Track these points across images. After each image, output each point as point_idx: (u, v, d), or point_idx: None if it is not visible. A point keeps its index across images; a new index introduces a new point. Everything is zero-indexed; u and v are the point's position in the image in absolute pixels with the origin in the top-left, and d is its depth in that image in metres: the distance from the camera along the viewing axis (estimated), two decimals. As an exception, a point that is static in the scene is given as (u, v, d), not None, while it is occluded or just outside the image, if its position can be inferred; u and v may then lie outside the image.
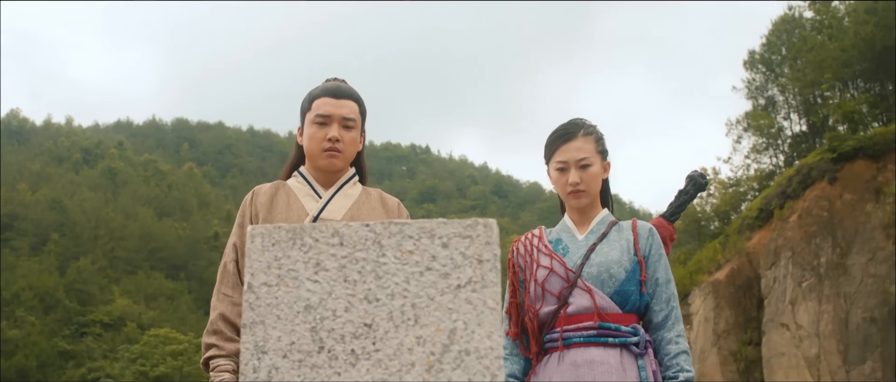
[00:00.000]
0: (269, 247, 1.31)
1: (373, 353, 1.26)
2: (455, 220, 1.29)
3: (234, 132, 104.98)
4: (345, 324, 1.28)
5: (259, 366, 1.26)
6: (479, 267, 1.30)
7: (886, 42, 32.87)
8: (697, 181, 3.42)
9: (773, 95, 43.43)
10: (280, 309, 1.28)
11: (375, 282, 1.29)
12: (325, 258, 1.30)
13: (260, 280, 1.30)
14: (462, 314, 1.28)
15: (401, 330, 1.27)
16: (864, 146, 30.78)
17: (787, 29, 43.45)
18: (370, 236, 1.31)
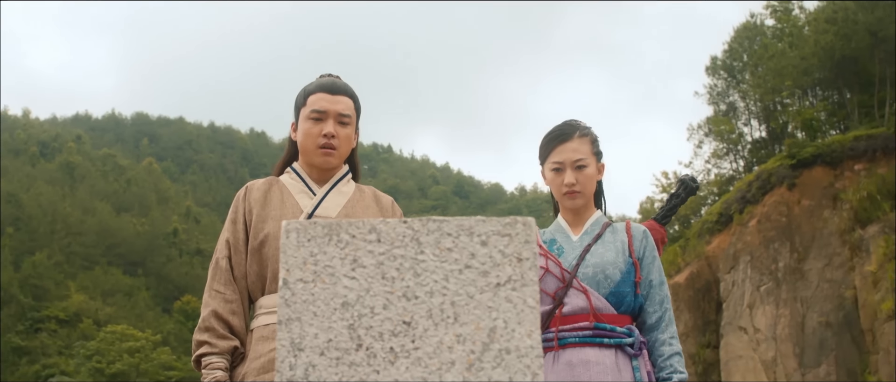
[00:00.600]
0: (305, 243, 1.29)
1: (412, 351, 1.25)
2: (493, 218, 1.28)
3: (194, 128, 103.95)
4: (383, 322, 1.26)
5: (295, 364, 1.23)
6: (519, 266, 1.29)
7: (845, 51, 33.43)
8: (689, 185, 3.45)
9: (735, 101, 43.98)
10: (316, 306, 1.26)
11: (414, 279, 1.28)
12: (362, 255, 1.28)
13: (295, 276, 1.27)
14: (502, 313, 1.27)
15: (440, 328, 1.26)
16: (823, 153, 31.26)
17: (749, 36, 44.04)
18: (408, 234, 1.30)
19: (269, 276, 2.77)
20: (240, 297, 2.79)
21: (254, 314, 2.83)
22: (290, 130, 3.05)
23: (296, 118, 2.99)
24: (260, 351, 2.68)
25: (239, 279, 2.80)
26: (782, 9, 43.46)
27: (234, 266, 2.81)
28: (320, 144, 2.87)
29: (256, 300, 2.82)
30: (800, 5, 43.43)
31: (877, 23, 31.90)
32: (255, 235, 2.81)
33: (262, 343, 2.70)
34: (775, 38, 42.50)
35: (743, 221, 33.02)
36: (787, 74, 37.16)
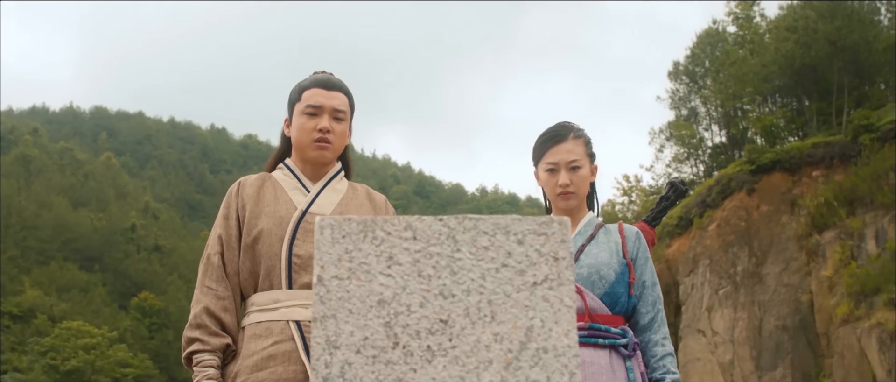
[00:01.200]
0: (339, 239, 1.27)
1: (449, 350, 1.24)
2: (529, 217, 1.27)
3: (154, 123, 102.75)
4: (420, 320, 1.25)
5: (331, 361, 1.22)
6: (555, 265, 1.28)
7: (805, 59, 33.97)
8: (678, 188, 3.48)
9: (696, 107, 44.47)
10: (352, 303, 1.24)
11: (450, 278, 1.27)
12: (397, 252, 1.27)
13: (330, 273, 1.25)
14: (539, 312, 1.26)
15: (477, 327, 1.25)
16: (782, 159, 31.74)
17: (711, 42, 44.56)
18: (444, 231, 1.29)
19: (262, 273, 2.74)
20: (232, 294, 2.75)
21: (245, 311, 2.79)
22: (283, 125, 3.02)
23: (289, 114, 2.96)
24: (252, 349, 2.65)
25: (231, 275, 2.77)
26: (744, 16, 44.05)
27: (227, 263, 2.77)
28: (315, 138, 2.84)
29: (248, 297, 2.79)
30: (761, 13, 44.05)
31: (836, 32, 32.46)
32: (248, 231, 2.78)
33: (254, 340, 2.67)
34: (737, 44, 43.07)
35: (703, 225, 33.42)
36: (748, 81, 37.67)
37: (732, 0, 44.40)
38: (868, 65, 34.02)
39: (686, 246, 33.77)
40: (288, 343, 2.64)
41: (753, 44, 41.24)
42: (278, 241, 2.74)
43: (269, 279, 2.73)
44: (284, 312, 2.69)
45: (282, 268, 2.71)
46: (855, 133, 30.33)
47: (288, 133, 2.97)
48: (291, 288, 2.71)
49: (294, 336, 2.65)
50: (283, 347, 2.63)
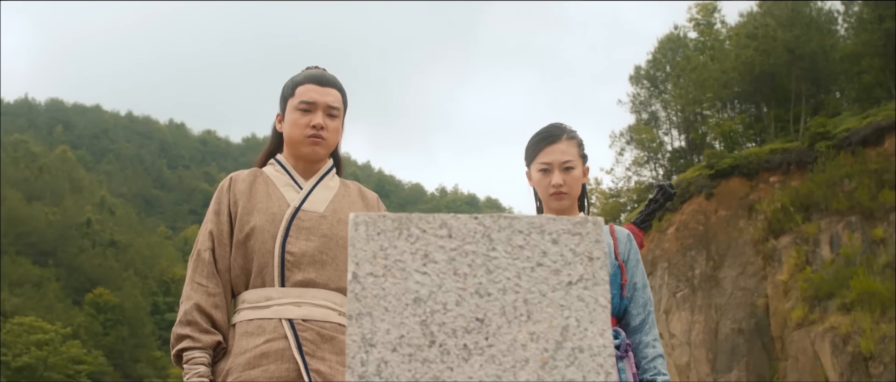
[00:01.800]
0: (374, 236, 1.26)
1: (486, 349, 1.23)
2: (563, 217, 1.27)
3: (111, 116, 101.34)
4: (456, 318, 1.24)
5: (367, 360, 1.20)
6: (590, 265, 1.28)
7: (765, 67, 34.47)
8: (667, 191, 3.50)
9: (657, 111, 44.94)
10: (387, 301, 1.23)
11: (486, 276, 1.26)
12: (433, 250, 1.26)
13: (365, 270, 1.24)
14: (574, 312, 1.26)
15: (513, 326, 1.24)
16: (740, 165, 32.18)
17: (672, 48, 45.04)
18: (479, 230, 1.28)
19: (254, 270, 2.71)
20: (223, 291, 2.71)
21: (236, 308, 2.75)
22: (274, 121, 2.98)
23: (281, 109, 2.93)
24: (245, 347, 2.61)
25: (222, 272, 2.73)
26: (705, 22, 44.59)
27: (218, 259, 2.73)
28: (308, 134, 2.82)
29: (239, 294, 2.75)
30: (722, 20, 44.62)
31: (795, 41, 32.99)
32: (240, 227, 2.74)
33: (246, 338, 2.63)
34: (697, 50, 43.59)
35: (662, 228, 33.78)
36: (708, 87, 38.14)
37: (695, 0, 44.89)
38: (825, 73, 34.64)
39: (644, 249, 34.10)
40: (281, 342, 2.61)
41: (714, 50, 41.78)
42: (271, 238, 2.70)
43: (262, 276, 2.70)
44: (277, 310, 2.66)
45: (274, 265, 2.68)
46: (811, 140, 30.85)
47: (280, 129, 2.94)
48: (284, 286, 2.68)
49: (287, 334, 2.62)
50: (275, 345, 2.60)
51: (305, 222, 2.75)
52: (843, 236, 27.38)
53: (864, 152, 29.02)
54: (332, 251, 2.74)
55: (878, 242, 25.90)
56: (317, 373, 2.59)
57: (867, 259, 25.72)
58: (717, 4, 44.41)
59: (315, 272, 2.70)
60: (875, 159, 28.42)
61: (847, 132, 30.14)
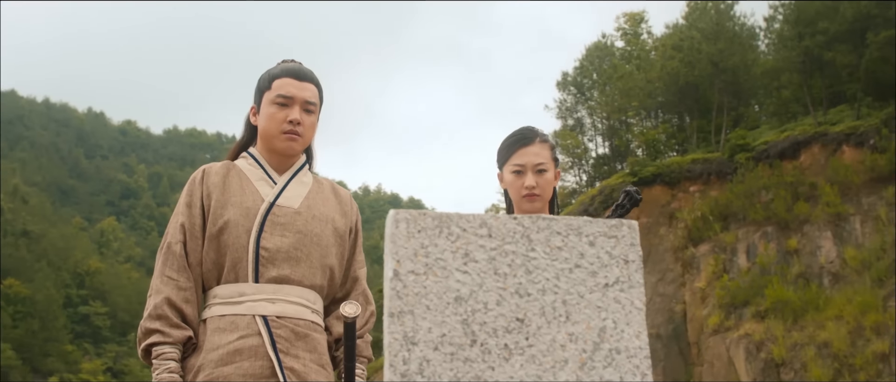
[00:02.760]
0: (415, 234, 1.25)
1: (526, 348, 1.23)
2: (599, 219, 1.29)
3: (27, 103, 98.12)
4: (497, 318, 1.24)
5: (409, 358, 1.19)
6: (626, 267, 1.30)
7: (689, 78, 35.28)
8: (633, 197, 3.54)
9: (582, 117, 45.59)
10: (429, 299, 1.23)
11: (526, 276, 1.26)
12: (473, 249, 1.26)
13: (406, 268, 1.23)
14: (611, 313, 1.28)
15: (553, 326, 1.25)
16: (662, 173, 32.88)
17: (600, 55, 45.76)
18: (518, 230, 1.28)
19: (227, 265, 2.65)
20: (194, 285, 2.65)
21: (207, 303, 2.69)
22: (249, 113, 2.92)
23: (256, 102, 2.87)
24: (217, 342, 2.56)
25: (193, 266, 2.66)
26: (632, 33, 45.43)
27: (189, 253, 2.66)
28: (285, 129, 2.77)
29: (210, 288, 2.69)
30: (648, 30, 45.54)
31: (718, 54, 33.84)
32: (213, 221, 2.68)
33: (219, 334, 2.58)
34: (624, 59, 44.37)
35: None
36: (634, 96, 38.87)
37: (626, 1, 45.70)
38: (746, 87, 35.64)
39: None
40: (254, 338, 2.56)
41: (640, 60, 42.60)
42: (245, 233, 2.65)
43: (235, 271, 2.64)
44: (250, 306, 2.61)
45: (249, 261, 2.63)
46: (731, 152, 31.68)
47: (254, 122, 2.88)
48: (258, 282, 2.63)
49: (261, 331, 2.57)
50: (249, 342, 2.55)
51: (280, 217, 2.71)
52: (759, 245, 28.20)
53: (781, 164, 29.93)
54: (306, 247, 2.71)
55: (791, 252, 26.76)
56: (291, 371, 2.55)
57: (781, 269, 26.55)
58: (644, 15, 45.31)
59: (290, 268, 2.66)
60: (791, 172, 29.34)
61: (765, 145, 31.06)
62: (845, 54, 29.38)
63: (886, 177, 25.95)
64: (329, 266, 2.76)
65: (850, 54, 29.34)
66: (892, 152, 25.89)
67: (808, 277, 26.05)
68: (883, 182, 26.09)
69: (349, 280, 2.89)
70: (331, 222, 2.81)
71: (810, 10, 30.64)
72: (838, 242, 26.21)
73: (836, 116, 31.07)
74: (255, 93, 2.90)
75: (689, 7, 39.44)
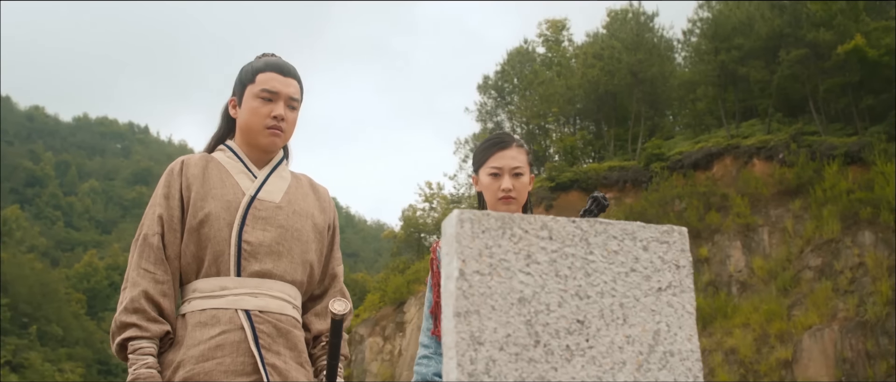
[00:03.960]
0: (479, 234, 1.26)
1: (587, 350, 1.26)
2: (651, 225, 1.32)
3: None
4: (559, 319, 1.26)
5: (476, 358, 1.20)
6: (677, 272, 1.33)
7: (608, 87, 35.96)
8: (601, 203, 3.60)
9: (502, 121, 46.01)
10: (494, 300, 1.24)
11: (585, 279, 1.29)
12: (535, 251, 1.27)
13: (472, 268, 1.24)
14: (664, 317, 1.31)
15: (611, 328, 1.28)
16: (580, 179, 33.44)
17: (521, 60, 46.24)
18: (577, 233, 1.31)
19: (207, 258, 2.59)
20: (171, 279, 2.59)
21: (185, 297, 2.64)
22: (228, 105, 2.87)
23: (238, 94, 2.83)
24: (198, 338, 2.51)
25: (172, 259, 2.60)
26: (554, 39, 46.06)
27: (167, 245, 2.60)
28: (268, 125, 2.74)
29: (189, 282, 2.64)
30: (569, 38, 46.24)
31: (638, 64, 34.58)
32: (193, 214, 2.62)
33: (199, 329, 2.52)
34: (545, 65, 44.94)
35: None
36: (554, 101, 39.40)
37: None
38: (663, 98, 36.50)
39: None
40: (237, 333, 2.52)
41: (560, 66, 43.20)
42: (227, 226, 2.61)
43: (216, 265, 2.59)
44: (233, 300, 2.56)
45: (231, 255, 2.59)
46: (647, 160, 32.42)
47: (234, 114, 2.83)
48: (240, 276, 2.59)
49: (243, 326, 2.53)
50: (231, 337, 2.51)
51: (262, 211, 2.68)
52: (671, 252, 28.89)
53: (694, 174, 30.76)
54: (288, 242, 2.68)
55: (702, 261, 27.50)
56: (272, 368, 2.52)
57: (693, 277, 27.29)
58: (566, 22, 45.99)
59: (272, 262, 2.63)
60: (704, 182, 30.18)
61: (680, 155, 31.88)
62: (758, 70, 30.37)
63: (794, 190, 26.93)
64: (309, 262, 2.75)
65: (763, 70, 30.35)
66: (800, 166, 26.88)
67: (718, 285, 26.85)
68: (790, 195, 27.06)
69: (327, 277, 2.88)
70: (310, 218, 2.79)
71: (727, 25, 31.57)
72: (747, 252, 27.08)
73: (747, 129, 32.09)
74: (235, 85, 2.86)
75: (610, 17, 40.24)
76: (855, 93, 28.57)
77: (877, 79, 27.78)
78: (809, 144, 27.70)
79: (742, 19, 31.03)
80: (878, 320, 22.56)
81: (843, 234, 24.50)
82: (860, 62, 27.57)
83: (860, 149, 26.32)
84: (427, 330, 3.09)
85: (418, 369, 3.05)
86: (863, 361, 22.28)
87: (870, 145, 26.05)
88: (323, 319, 2.82)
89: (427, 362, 3.03)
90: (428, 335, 3.07)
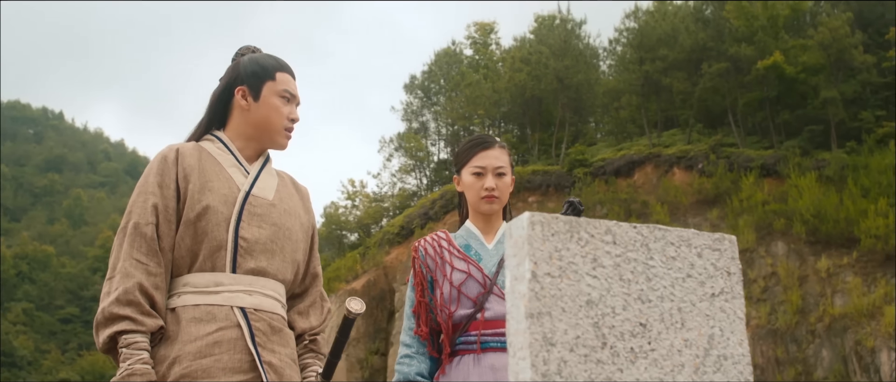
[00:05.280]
0: (549, 237, 1.29)
1: (649, 352, 1.30)
2: (704, 233, 1.37)
3: None
4: (623, 322, 1.30)
5: (548, 359, 1.24)
6: (728, 279, 1.39)
7: (535, 92, 36.38)
8: (576, 207, 3.67)
9: (427, 121, 46.11)
10: (564, 302, 1.27)
11: (646, 283, 1.33)
12: (601, 255, 1.31)
13: (543, 270, 1.27)
14: (718, 322, 1.36)
15: (671, 332, 1.32)
16: (502, 182, 33.71)
17: (448, 62, 46.41)
18: (638, 239, 1.35)
19: (203, 253, 2.54)
20: (164, 271, 2.53)
21: (175, 291, 2.57)
22: (236, 94, 2.73)
23: (253, 88, 2.73)
24: (195, 334, 2.46)
25: (165, 251, 2.54)
26: (482, 42, 46.36)
27: (162, 236, 2.53)
28: (287, 127, 2.74)
29: (180, 275, 2.58)
30: (497, 41, 46.60)
31: (564, 70, 35.09)
32: (191, 206, 2.56)
33: (195, 324, 2.48)
34: (472, 68, 45.20)
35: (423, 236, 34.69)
36: (480, 104, 39.67)
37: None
38: (588, 105, 37.10)
39: (405, 255, 34.88)
40: (233, 330, 2.49)
41: (487, 69, 43.51)
42: (225, 221, 2.57)
43: (212, 260, 2.54)
44: (228, 296, 2.53)
45: (228, 251, 2.55)
46: (570, 166, 32.91)
47: (245, 106, 2.72)
48: (235, 273, 2.56)
49: (239, 323, 2.50)
50: (228, 334, 2.48)
51: (257, 208, 2.65)
52: (591, 257, 29.40)
53: (616, 181, 31.37)
54: (280, 241, 2.66)
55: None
56: (268, 366, 2.50)
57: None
58: (494, 26, 46.33)
59: (266, 260, 2.61)
60: (625, 188, 30.80)
61: (602, 162, 32.47)
62: (681, 81, 31.14)
63: (712, 200, 27.69)
64: (297, 261, 2.73)
65: (686, 82, 31.13)
66: (718, 177, 27.65)
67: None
68: (708, 205, 27.82)
69: (308, 277, 2.86)
70: (298, 217, 2.78)
71: (652, 36, 32.28)
72: (665, 258, 27.73)
73: (669, 139, 32.86)
74: (248, 76, 2.73)
75: (538, 22, 40.71)
76: (772, 108, 29.55)
77: (793, 95, 28.78)
78: (728, 155, 28.53)
79: (667, 31, 31.77)
80: (787, 328, 23.39)
81: (758, 244, 25.31)
82: (778, 78, 28.53)
83: (776, 162, 27.23)
84: (409, 330, 3.10)
85: (400, 368, 3.06)
86: (773, 367, 23.06)
87: (785, 159, 26.96)
88: (306, 318, 2.80)
89: (409, 361, 3.04)
90: (410, 334, 3.09)
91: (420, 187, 46.40)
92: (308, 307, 2.82)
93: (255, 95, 2.71)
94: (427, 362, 3.02)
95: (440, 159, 45.74)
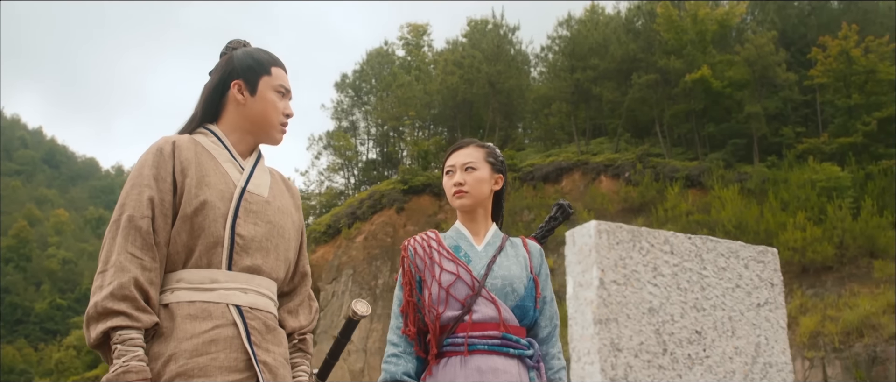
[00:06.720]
0: (614, 246, 1.34)
1: (704, 359, 1.36)
2: (749, 245, 1.44)
3: None
4: (681, 329, 1.36)
5: (616, 363, 1.28)
6: (772, 290, 1.46)
7: (467, 95, 36.52)
8: (566, 210, 3.71)
9: (357, 121, 45.86)
10: (629, 309, 1.32)
11: (700, 293, 1.39)
12: (660, 264, 1.37)
13: (610, 278, 1.32)
14: (763, 330, 1.43)
15: (723, 339, 1.39)
16: (432, 183, 33.82)
17: (380, 62, 46.26)
18: (693, 249, 1.41)
19: (199, 249, 2.50)
20: (159, 267, 2.48)
21: (169, 286, 2.52)
22: (232, 88, 2.67)
23: (250, 82, 2.69)
24: (191, 331, 2.42)
25: (161, 245, 2.48)
26: (414, 43, 46.34)
27: (158, 230, 2.47)
28: (282, 122, 2.71)
29: (174, 271, 2.53)
30: (429, 44, 46.63)
31: (497, 75, 35.32)
32: (189, 200, 2.51)
33: (191, 321, 2.44)
34: (404, 69, 45.14)
35: (350, 235, 34.50)
36: (411, 105, 39.65)
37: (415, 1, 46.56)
38: (518, 110, 37.41)
39: (331, 254, 34.66)
40: (229, 329, 2.46)
41: (419, 71, 43.51)
42: (222, 217, 2.53)
43: (208, 256, 2.50)
44: (224, 294, 2.50)
45: (224, 247, 2.52)
46: (500, 170, 33.07)
47: (241, 100, 2.67)
48: (231, 270, 2.53)
49: (236, 321, 2.48)
50: (224, 332, 2.44)
51: (252, 205, 2.62)
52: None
53: (544, 187, 31.72)
54: (275, 238, 2.64)
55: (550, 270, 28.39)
56: (264, 364, 2.48)
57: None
58: (427, 28, 46.35)
59: (261, 258, 2.58)
60: (553, 194, 31.16)
61: (531, 167, 32.79)
62: (611, 91, 31.66)
63: (637, 208, 28.21)
64: (289, 260, 2.71)
65: (615, 91, 31.66)
66: (644, 186, 28.21)
67: (562, 296, 27.75)
68: (634, 213, 28.33)
69: (297, 275, 2.84)
70: (290, 215, 2.76)
71: (584, 45, 32.75)
72: (591, 264, 28.13)
73: (597, 147, 33.36)
74: (244, 70, 2.69)
75: (470, 26, 40.90)
76: (698, 120, 30.26)
77: (719, 108, 29.53)
78: (654, 165, 29.11)
79: (599, 41, 32.27)
80: (707, 335, 23.90)
81: (681, 252, 25.82)
82: (705, 92, 29.24)
83: (700, 173, 27.90)
84: (397, 329, 3.11)
85: (387, 367, 3.07)
86: (692, 373, 23.56)
87: (709, 171, 27.65)
88: (295, 317, 2.79)
89: (397, 360, 3.05)
90: (398, 333, 3.09)
91: (348, 186, 46.10)
92: (297, 305, 2.81)
93: (252, 89, 2.67)
94: (414, 362, 3.03)
95: (369, 159, 45.54)
